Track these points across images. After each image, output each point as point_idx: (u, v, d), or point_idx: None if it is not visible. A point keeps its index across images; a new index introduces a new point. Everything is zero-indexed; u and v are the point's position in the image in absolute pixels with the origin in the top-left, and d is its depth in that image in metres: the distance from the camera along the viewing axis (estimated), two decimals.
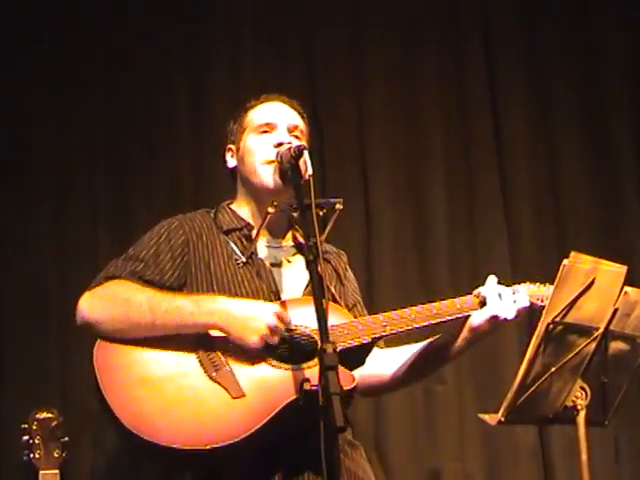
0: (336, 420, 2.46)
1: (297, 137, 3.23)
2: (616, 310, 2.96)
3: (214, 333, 2.97)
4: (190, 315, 2.94)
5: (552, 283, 2.91)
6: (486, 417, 3.00)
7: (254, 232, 3.19)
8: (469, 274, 4.60)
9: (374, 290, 4.49)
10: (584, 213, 4.79)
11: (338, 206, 3.14)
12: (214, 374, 2.92)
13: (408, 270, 4.63)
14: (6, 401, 4.17)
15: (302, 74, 4.69)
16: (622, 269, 2.95)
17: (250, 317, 2.93)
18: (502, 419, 2.93)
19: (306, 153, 3.00)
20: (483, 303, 3.11)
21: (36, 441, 3.61)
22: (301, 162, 3.00)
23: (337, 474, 2.68)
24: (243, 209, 3.26)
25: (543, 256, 4.65)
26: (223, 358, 2.96)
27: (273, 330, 2.92)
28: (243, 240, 3.19)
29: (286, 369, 2.94)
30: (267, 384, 2.91)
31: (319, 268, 2.77)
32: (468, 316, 3.12)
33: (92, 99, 4.47)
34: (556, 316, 2.88)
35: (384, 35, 4.75)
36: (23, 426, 3.63)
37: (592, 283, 2.89)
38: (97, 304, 3.03)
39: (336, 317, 3.03)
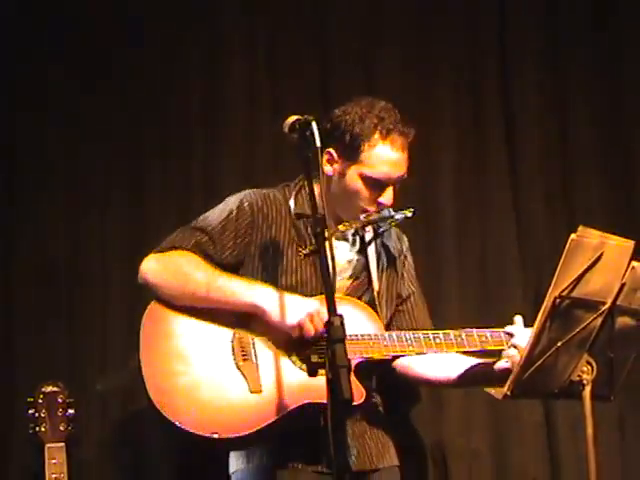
0: (344, 393, 2.47)
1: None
2: (623, 285, 2.95)
3: (255, 316, 3.11)
4: (240, 294, 3.10)
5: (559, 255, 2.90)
6: (492, 391, 3.01)
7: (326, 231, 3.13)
8: (477, 258, 4.59)
9: None
10: (594, 194, 4.76)
11: (408, 214, 3.25)
12: (241, 363, 3.07)
13: (415, 255, 4.62)
14: (13, 375, 4.18)
15: (315, 57, 4.65)
16: (630, 244, 2.94)
17: (294, 305, 3.06)
18: (508, 393, 2.94)
19: (313, 124, 2.94)
20: (514, 347, 3.15)
21: (42, 414, 3.61)
22: (308, 132, 2.98)
23: (344, 447, 2.70)
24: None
25: (552, 237, 4.63)
26: (253, 345, 3.12)
27: (313, 320, 3.01)
28: (309, 228, 3.22)
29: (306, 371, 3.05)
30: (285, 384, 3.03)
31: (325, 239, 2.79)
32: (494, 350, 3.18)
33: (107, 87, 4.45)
34: (563, 290, 2.88)
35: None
36: (29, 399, 3.64)
37: (599, 258, 2.88)
38: (160, 270, 3.19)
39: (368, 325, 3.15)
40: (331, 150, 3.25)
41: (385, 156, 3.20)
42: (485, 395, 3.10)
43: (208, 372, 3.06)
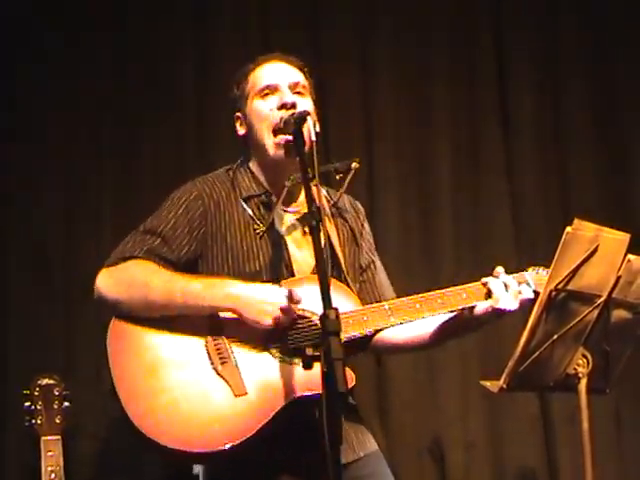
0: (339, 385, 2.46)
1: (300, 93, 3.20)
2: (619, 278, 2.95)
3: (225, 317, 3.00)
4: (203, 299, 2.98)
5: (554, 247, 2.89)
6: (488, 384, 3.00)
7: (272, 199, 3.18)
8: (472, 243, 4.61)
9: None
10: (589, 182, 4.77)
11: (354, 165, 3.17)
12: (220, 367, 2.95)
13: (412, 238, 4.63)
14: (9, 367, 4.18)
15: (307, 34, 4.66)
16: (625, 237, 2.94)
17: (262, 300, 2.95)
18: (504, 386, 2.93)
19: (309, 119, 2.99)
20: (489, 294, 3.08)
21: (38, 407, 3.61)
22: (304, 128, 2.99)
23: (339, 442, 2.68)
24: (260, 171, 3.24)
25: (547, 224, 4.65)
26: (229, 347, 2.99)
27: (285, 311, 2.93)
28: (261, 207, 3.19)
29: (290, 363, 2.97)
30: (269, 380, 2.94)
31: (322, 234, 2.77)
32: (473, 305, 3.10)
33: (97, 66, 4.45)
34: (558, 283, 2.88)
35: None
36: (25, 392, 3.64)
37: (595, 251, 2.88)
38: (115, 285, 3.06)
39: (345, 303, 3.04)
40: (236, 114, 3.28)
41: (263, 69, 3.24)
42: (481, 387, 3.08)
43: (187, 385, 2.92)
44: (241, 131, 3.28)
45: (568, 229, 2.86)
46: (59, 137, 4.38)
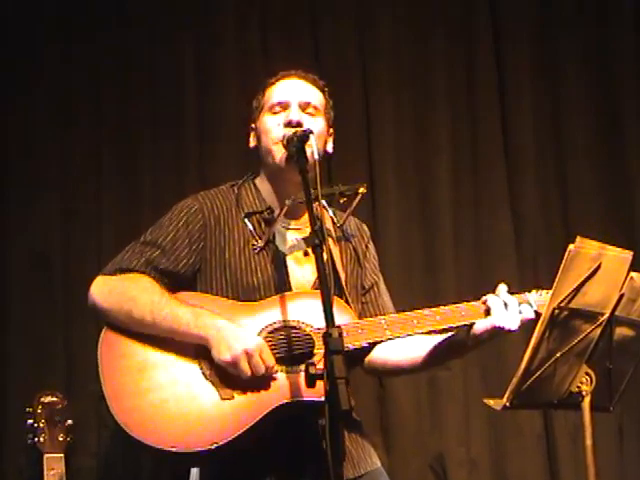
0: (342, 404, 2.46)
1: (311, 114, 3.22)
2: (622, 296, 2.94)
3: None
4: (186, 325, 2.99)
5: (556, 265, 2.89)
6: (491, 402, 2.99)
7: (274, 216, 3.19)
8: (474, 258, 4.61)
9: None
10: (590, 194, 4.78)
11: (362, 190, 3.18)
12: (208, 372, 2.97)
13: (413, 253, 4.63)
14: (11, 384, 4.18)
15: (309, 50, 4.68)
16: (628, 255, 2.93)
17: (234, 337, 2.94)
18: (507, 404, 2.92)
19: (312, 138, 3.00)
20: (488, 312, 3.06)
21: (41, 425, 3.61)
22: (307, 147, 3.00)
23: (341, 459, 2.67)
24: (265, 187, 3.27)
25: (548, 237, 4.65)
26: None
27: (251, 360, 2.91)
28: (262, 224, 3.20)
29: (281, 371, 2.97)
30: (259, 387, 2.94)
31: (324, 253, 2.78)
32: (472, 323, 3.08)
33: (98, 74, 4.47)
34: (561, 301, 2.87)
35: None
36: (28, 410, 3.64)
37: (598, 268, 2.88)
38: (107, 295, 3.09)
39: (340, 316, 3.01)
40: (250, 125, 3.32)
41: (279, 85, 3.28)
42: (484, 405, 3.07)
43: (175, 387, 2.94)
44: (252, 143, 3.31)
45: (571, 247, 2.85)
46: (57, 152, 4.39)
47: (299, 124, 3.15)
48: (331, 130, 3.32)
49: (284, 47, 4.60)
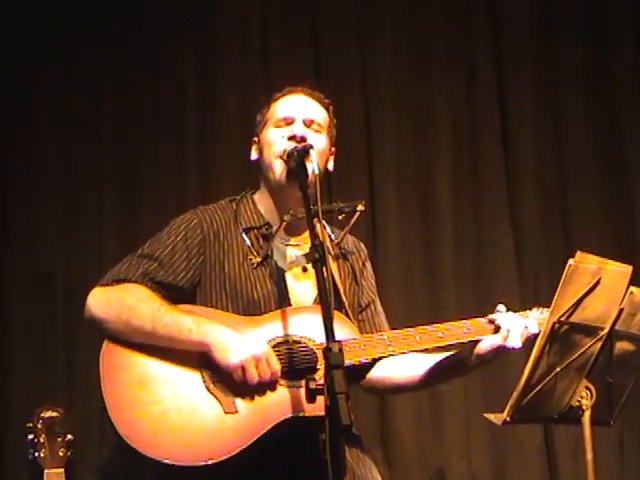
0: (342, 419, 2.46)
1: (317, 131, 3.23)
2: (621, 310, 2.95)
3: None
4: (188, 331, 2.97)
5: (557, 284, 2.89)
6: (492, 417, 2.99)
7: (272, 231, 3.19)
8: (474, 271, 4.62)
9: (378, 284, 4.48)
10: (590, 209, 4.79)
11: (360, 207, 3.17)
12: (211, 385, 2.95)
13: (414, 270, 4.64)
14: (13, 399, 4.18)
15: (310, 63, 4.69)
16: (628, 269, 2.94)
17: (241, 345, 2.93)
18: (507, 419, 2.92)
19: (312, 153, 3.01)
20: (497, 330, 3.05)
21: (41, 440, 3.60)
22: (307, 162, 3.01)
23: (342, 474, 2.67)
24: (264, 202, 3.26)
25: (548, 251, 4.66)
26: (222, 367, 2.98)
27: (258, 365, 2.90)
28: (260, 239, 3.20)
29: (282, 385, 2.95)
30: (262, 401, 2.93)
31: (325, 268, 2.77)
32: (476, 340, 3.07)
33: (100, 97, 4.49)
34: (561, 316, 2.88)
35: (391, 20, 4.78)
36: (28, 425, 3.63)
37: (598, 283, 2.88)
38: (104, 305, 3.06)
39: (342, 331, 3.01)
40: (253, 138, 3.31)
41: (285, 100, 3.27)
42: (484, 419, 3.07)
43: (177, 399, 2.92)
44: (254, 156, 3.30)
45: (571, 261, 2.86)
46: (58, 152, 4.41)
47: (303, 139, 3.15)
48: (333, 149, 3.32)
49: (284, 47, 4.63)
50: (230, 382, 2.94)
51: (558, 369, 2.92)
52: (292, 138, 3.16)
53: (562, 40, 4.90)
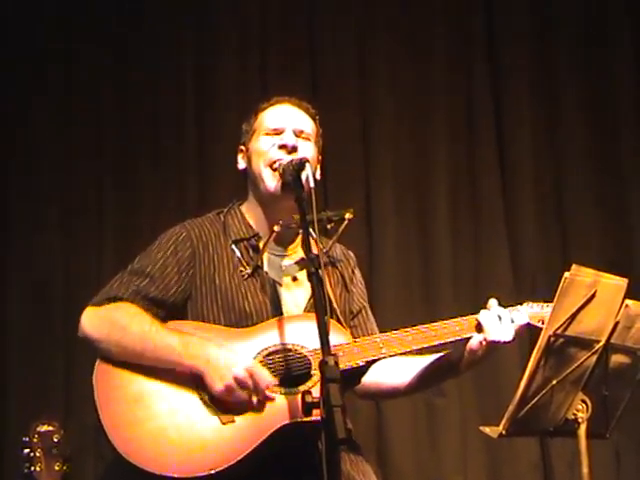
0: (337, 433, 2.46)
1: (306, 139, 3.23)
2: (617, 323, 2.95)
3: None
4: (178, 355, 2.98)
5: (553, 294, 2.90)
6: (487, 430, 2.99)
7: (262, 242, 3.19)
8: (472, 289, 4.62)
9: (375, 292, 4.48)
10: (587, 211, 4.80)
11: (348, 216, 3.18)
12: (207, 397, 2.96)
13: (412, 283, 4.64)
14: (10, 414, 4.17)
15: (306, 74, 4.70)
16: (623, 282, 2.95)
17: (224, 366, 2.94)
18: (503, 432, 2.92)
19: (308, 166, 3.02)
20: (479, 327, 3.08)
21: (37, 454, 3.59)
22: (303, 175, 3.01)
23: None
24: (252, 212, 3.26)
25: (545, 262, 4.67)
26: None
27: (240, 383, 2.91)
28: (250, 250, 3.20)
29: (278, 393, 2.96)
30: (259, 410, 2.93)
31: (321, 280, 2.78)
32: (469, 337, 3.09)
33: (99, 104, 4.50)
34: (557, 329, 2.88)
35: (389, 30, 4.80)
36: (24, 439, 3.62)
37: (593, 296, 2.89)
38: (97, 324, 3.07)
39: (335, 337, 3.00)
40: (240, 147, 3.32)
41: (273, 110, 3.28)
42: (480, 433, 3.07)
43: (173, 414, 2.93)
44: (241, 165, 3.31)
45: (566, 274, 2.86)
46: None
47: (294, 148, 3.16)
48: (319, 157, 3.32)
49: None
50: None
51: (554, 382, 2.93)
52: (283, 147, 3.17)
53: (561, 40, 4.91)
